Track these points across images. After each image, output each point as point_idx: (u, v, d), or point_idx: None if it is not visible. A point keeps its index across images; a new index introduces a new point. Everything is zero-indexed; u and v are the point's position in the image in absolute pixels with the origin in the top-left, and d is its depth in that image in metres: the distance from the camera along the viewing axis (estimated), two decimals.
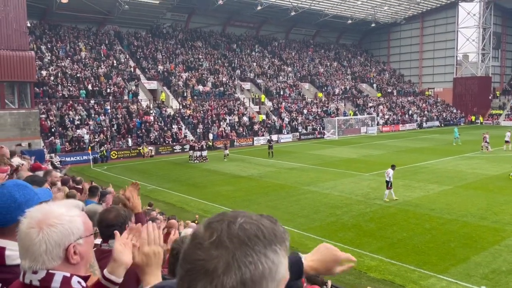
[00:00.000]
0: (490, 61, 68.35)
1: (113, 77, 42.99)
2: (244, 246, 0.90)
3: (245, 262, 0.89)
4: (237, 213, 0.98)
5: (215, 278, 0.87)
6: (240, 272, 0.88)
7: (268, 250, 0.92)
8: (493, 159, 29.95)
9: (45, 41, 43.49)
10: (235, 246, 0.90)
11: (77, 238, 1.51)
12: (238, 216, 0.96)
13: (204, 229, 0.94)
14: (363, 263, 12.23)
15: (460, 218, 16.16)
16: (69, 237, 1.49)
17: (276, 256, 0.93)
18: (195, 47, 55.80)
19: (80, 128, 35.33)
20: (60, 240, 1.47)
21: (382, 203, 18.53)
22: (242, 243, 0.90)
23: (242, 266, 0.88)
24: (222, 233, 0.91)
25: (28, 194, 2.03)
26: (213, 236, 0.91)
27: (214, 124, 42.75)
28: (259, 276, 0.89)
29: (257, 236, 0.92)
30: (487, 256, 12.48)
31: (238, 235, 0.91)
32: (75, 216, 1.54)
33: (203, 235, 0.93)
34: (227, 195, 20.88)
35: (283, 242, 0.97)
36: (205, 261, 0.89)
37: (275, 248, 0.93)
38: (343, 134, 49.41)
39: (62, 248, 1.48)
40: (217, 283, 0.87)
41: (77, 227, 1.52)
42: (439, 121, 62.73)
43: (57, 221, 1.48)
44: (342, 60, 71.85)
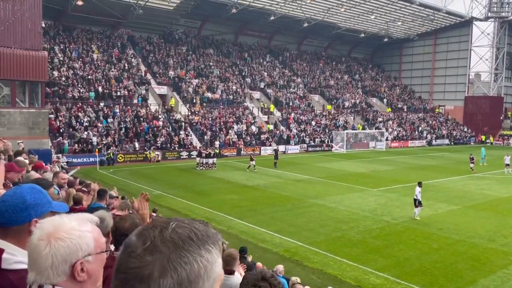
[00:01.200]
0: (502, 81, 67.87)
1: (124, 80, 43.22)
2: (179, 248, 0.93)
3: (181, 263, 0.91)
4: (169, 219, 1.00)
5: (151, 283, 0.89)
6: (177, 273, 0.90)
7: (202, 250, 0.95)
8: (503, 180, 29.48)
9: (59, 42, 43.92)
10: (169, 249, 0.92)
11: (85, 255, 1.42)
12: (170, 222, 0.98)
13: (136, 237, 0.96)
14: (368, 281, 11.95)
15: (468, 239, 15.81)
16: (77, 253, 1.40)
17: (210, 255, 0.96)
18: (206, 54, 56.05)
19: (89, 129, 35.44)
20: (67, 255, 1.38)
21: (390, 220, 18.22)
22: (176, 246, 0.93)
23: (178, 267, 0.91)
24: (155, 239, 0.93)
25: (40, 199, 2.01)
26: (147, 242, 0.93)
27: (221, 131, 42.70)
28: (195, 275, 0.92)
29: (191, 238, 0.95)
30: (495, 280, 12.15)
31: (172, 239, 0.93)
32: (86, 231, 1.44)
33: (135, 243, 0.94)
34: (232, 204, 20.69)
35: (216, 243, 1.00)
36: (140, 268, 0.91)
37: (208, 248, 0.96)
38: (351, 148, 49.10)
39: (69, 264, 1.39)
40: (154, 287, 0.89)
41: (86, 243, 1.42)
42: (449, 139, 62.17)
43: (66, 235, 1.39)
44: (353, 74, 71.75)
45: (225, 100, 48.86)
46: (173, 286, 0.90)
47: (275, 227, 16.89)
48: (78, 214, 1.52)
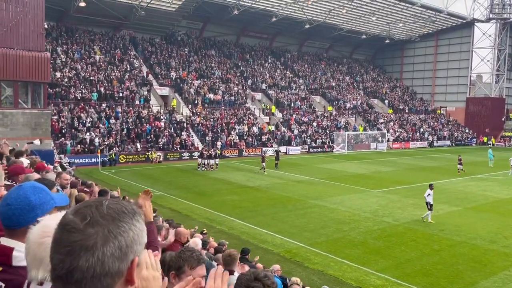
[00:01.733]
0: (504, 82, 67.79)
1: (126, 81, 43.33)
2: (116, 220, 1.09)
3: (119, 232, 1.08)
4: (99, 199, 1.17)
5: (96, 251, 1.04)
6: (117, 240, 1.07)
7: (133, 220, 1.13)
8: (505, 182, 29.47)
9: (61, 43, 44.07)
10: (108, 222, 1.08)
11: None
12: (102, 200, 1.14)
13: (74, 215, 1.09)
14: (369, 282, 11.98)
15: (470, 240, 15.82)
16: None
17: (140, 224, 1.15)
18: (208, 55, 56.15)
19: (91, 130, 35.54)
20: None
21: (391, 221, 18.23)
22: (114, 218, 1.09)
23: (118, 235, 1.08)
24: (94, 214, 1.08)
25: (44, 197, 2.03)
26: (87, 218, 1.07)
27: (223, 132, 42.76)
28: (131, 241, 1.10)
29: (123, 212, 1.12)
30: (496, 281, 12.16)
31: (109, 213, 1.10)
32: None
33: (74, 220, 1.08)
34: (233, 205, 20.74)
35: (141, 215, 1.18)
36: (83, 240, 1.04)
37: (137, 219, 1.15)
38: (352, 149, 49.11)
39: None
40: (98, 254, 1.04)
41: None
42: (451, 140, 62.11)
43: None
44: (354, 75, 71.76)
45: (226, 101, 48.94)
46: (115, 251, 1.06)
47: (276, 228, 16.93)
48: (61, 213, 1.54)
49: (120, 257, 1.07)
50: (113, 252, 1.06)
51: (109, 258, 1.05)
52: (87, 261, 1.04)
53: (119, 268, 1.08)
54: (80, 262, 1.04)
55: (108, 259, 1.05)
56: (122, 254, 1.08)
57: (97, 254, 1.04)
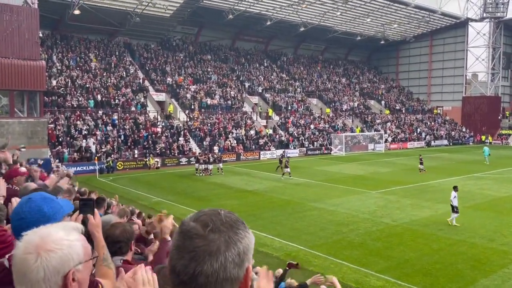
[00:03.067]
0: (499, 81, 68.10)
1: (122, 88, 43.33)
2: (234, 228, 1.16)
3: (238, 238, 1.14)
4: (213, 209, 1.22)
5: (219, 256, 1.10)
6: (237, 247, 1.13)
7: (246, 229, 1.20)
8: (503, 180, 29.55)
9: (56, 51, 44.07)
10: (227, 229, 1.14)
11: (76, 264, 1.41)
12: (216, 210, 1.21)
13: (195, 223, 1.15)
14: (369, 283, 11.97)
15: (468, 239, 15.83)
16: (69, 263, 1.39)
17: (250, 233, 1.21)
18: (204, 60, 56.23)
19: (88, 138, 35.48)
20: (60, 266, 1.37)
21: (389, 222, 18.23)
22: (232, 226, 1.16)
23: (237, 242, 1.14)
24: (215, 222, 1.14)
25: (55, 207, 2.05)
26: (209, 225, 1.13)
27: (220, 137, 42.76)
28: (247, 248, 1.16)
29: (238, 221, 1.19)
30: (495, 279, 12.16)
31: (227, 221, 1.16)
32: (75, 240, 1.44)
33: (196, 227, 1.14)
34: (232, 209, 20.03)
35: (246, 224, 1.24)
36: (207, 245, 1.10)
37: (248, 228, 1.21)
38: (350, 151, 49.17)
39: (61, 275, 1.37)
40: (222, 259, 1.10)
41: (77, 252, 1.42)
42: (448, 140, 62.27)
43: (56, 246, 1.38)
44: (350, 76, 71.96)
45: (223, 105, 48.98)
46: (235, 257, 1.12)
47: (275, 231, 16.91)
48: (63, 223, 1.50)
49: (239, 263, 1.13)
50: (234, 258, 1.12)
51: (230, 263, 1.11)
52: (212, 266, 1.09)
53: (238, 274, 1.13)
54: (205, 267, 1.08)
55: (229, 264, 1.10)
56: (240, 261, 1.13)
57: (221, 259, 1.10)
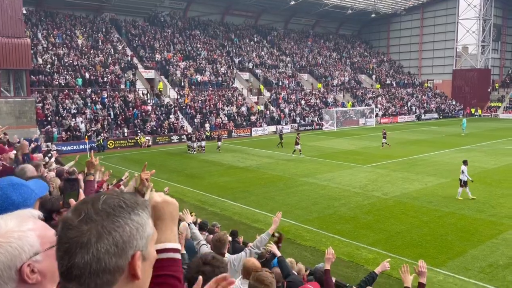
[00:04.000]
0: (490, 53, 68.12)
1: (110, 65, 42.60)
2: (111, 216, 1.07)
3: (113, 227, 1.06)
4: (99, 193, 1.15)
5: (90, 247, 1.04)
6: (111, 236, 1.05)
7: (132, 215, 1.10)
8: (492, 152, 29.92)
9: (41, 28, 43.00)
10: (102, 218, 1.06)
11: (30, 256, 1.30)
12: (100, 195, 1.12)
13: (72, 213, 1.10)
14: (360, 256, 12.19)
15: (458, 211, 16.12)
16: (20, 256, 1.28)
17: (140, 218, 1.11)
18: (193, 36, 55.32)
19: (77, 117, 35.06)
20: (10, 261, 1.26)
21: (380, 195, 18.45)
22: (108, 214, 1.07)
23: (112, 231, 1.06)
24: (89, 211, 1.07)
25: (25, 192, 1.96)
26: (81, 215, 1.07)
27: (212, 114, 42.52)
28: (128, 235, 1.08)
29: (121, 206, 1.09)
30: (484, 249, 12.45)
31: (104, 209, 1.08)
32: (27, 230, 1.32)
33: (71, 217, 1.08)
34: (224, 186, 20.79)
35: (146, 208, 1.15)
36: (78, 237, 1.04)
37: (137, 213, 1.11)
38: (341, 126, 49.29)
39: (14, 270, 1.27)
40: (93, 250, 1.04)
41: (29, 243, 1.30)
42: (438, 113, 62.63)
43: (3, 240, 1.27)
44: (341, 51, 71.45)
45: (213, 82, 48.50)
46: (110, 247, 1.05)
47: (267, 207, 17.04)
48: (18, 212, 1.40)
49: (117, 253, 1.06)
50: (108, 249, 1.05)
51: (104, 254, 1.05)
52: (83, 258, 1.04)
53: (117, 264, 1.07)
54: (77, 259, 1.05)
55: (103, 255, 1.05)
56: (119, 250, 1.06)
57: (92, 250, 1.04)
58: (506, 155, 28.29)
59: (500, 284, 10.29)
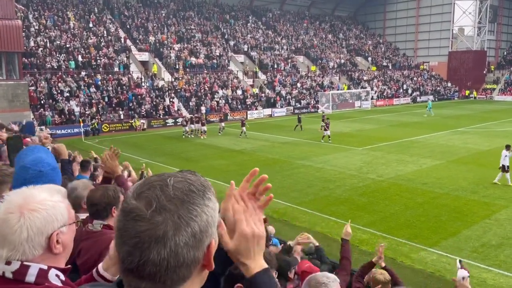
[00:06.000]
0: (486, 34, 67.78)
1: (103, 48, 42.06)
2: (185, 203, 0.95)
3: (191, 217, 0.95)
4: (162, 175, 1.01)
5: (167, 241, 0.92)
6: (190, 227, 0.94)
7: (205, 200, 0.99)
8: (486, 134, 30.06)
9: (32, 10, 42.24)
10: (177, 206, 0.94)
11: (61, 226, 1.37)
12: (166, 178, 0.99)
13: (137, 200, 0.95)
14: (355, 237, 12.26)
15: (452, 192, 16.26)
16: (53, 223, 1.34)
17: (212, 203, 1.01)
18: (187, 17, 54.59)
19: (70, 100, 34.75)
20: (44, 227, 1.32)
21: (375, 177, 18.55)
22: (183, 201, 0.95)
23: (190, 221, 0.94)
24: (160, 199, 0.94)
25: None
26: (152, 204, 0.93)
27: (206, 97, 42.29)
28: (205, 225, 0.97)
29: (192, 191, 0.98)
30: (477, 230, 12.60)
31: (176, 195, 0.95)
32: (59, 201, 1.39)
33: (138, 206, 0.94)
34: (220, 169, 20.81)
35: (210, 189, 1.03)
36: (152, 230, 0.91)
37: (209, 196, 1.01)
38: (337, 108, 49.23)
39: (45, 236, 1.33)
40: (171, 244, 0.92)
41: (61, 213, 1.38)
42: (434, 95, 62.61)
43: (40, 206, 1.33)
44: (337, 33, 70.86)
45: (208, 64, 48.09)
46: (189, 239, 0.94)
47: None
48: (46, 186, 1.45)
49: (195, 245, 0.96)
50: (187, 241, 0.94)
51: (183, 248, 0.94)
52: (159, 254, 0.92)
53: (195, 256, 0.96)
54: (152, 255, 0.92)
55: (182, 249, 0.94)
56: (196, 242, 0.96)
57: (169, 244, 0.92)
58: (500, 136, 28.43)
59: (492, 263, 10.45)
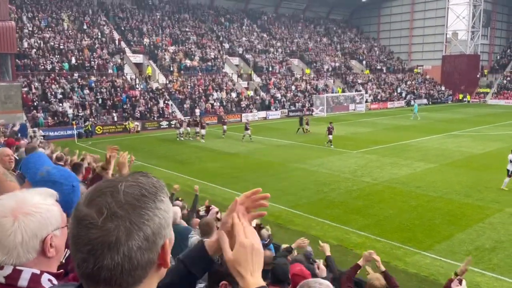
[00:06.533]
0: (479, 39, 68.27)
1: (97, 49, 41.88)
2: (137, 208, 0.96)
3: (143, 221, 0.95)
4: (113, 182, 1.00)
5: (120, 246, 0.93)
6: (142, 231, 0.95)
7: (157, 202, 0.99)
8: (479, 137, 30.22)
9: (26, 11, 41.99)
10: (128, 212, 0.94)
11: (54, 229, 1.36)
12: (116, 185, 0.98)
13: (89, 207, 0.95)
14: (349, 240, 12.28)
15: (445, 195, 16.30)
16: (47, 227, 1.33)
17: (164, 205, 1.01)
18: (182, 20, 54.53)
19: (64, 102, 34.52)
20: (38, 230, 1.31)
21: (370, 181, 18.57)
22: (134, 206, 0.95)
23: (142, 225, 0.95)
24: (111, 206, 0.94)
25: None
26: (103, 211, 0.94)
27: (201, 99, 42.19)
28: (158, 227, 0.98)
29: (143, 195, 0.98)
30: (471, 233, 12.61)
31: (127, 201, 0.95)
32: (52, 205, 1.38)
33: (90, 213, 0.94)
34: (214, 172, 20.73)
35: (163, 190, 1.04)
36: (104, 236, 0.92)
37: (161, 198, 1.01)
38: (331, 111, 49.30)
39: (39, 240, 1.32)
40: (124, 249, 0.93)
41: (55, 216, 1.37)
42: (427, 99, 62.93)
43: (35, 209, 1.31)
44: (332, 36, 71.10)
45: (203, 67, 48.02)
46: (141, 243, 0.95)
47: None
48: (38, 189, 1.44)
49: (149, 247, 0.97)
50: (140, 245, 0.95)
51: (136, 252, 0.95)
52: (113, 259, 0.93)
53: (149, 258, 0.98)
54: (105, 261, 0.93)
55: (135, 253, 0.95)
56: (150, 244, 0.97)
57: (122, 250, 0.93)
58: (494, 140, 28.61)
59: (486, 267, 10.46)
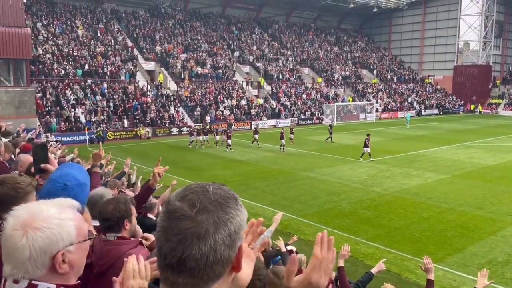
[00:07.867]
0: (491, 49, 67.84)
1: (110, 56, 42.41)
2: (224, 207, 1.08)
3: (228, 218, 1.07)
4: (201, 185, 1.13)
5: (208, 238, 1.03)
6: (227, 227, 1.06)
7: (238, 206, 1.12)
8: (492, 149, 29.91)
9: (41, 18, 42.74)
10: (216, 208, 1.06)
11: (66, 245, 1.31)
12: (205, 187, 1.12)
13: (181, 202, 1.07)
14: (360, 251, 12.18)
15: (457, 207, 16.11)
16: (57, 243, 1.29)
17: (242, 209, 1.13)
18: (194, 28, 55.04)
19: (76, 107, 34.95)
20: (47, 246, 1.27)
21: (380, 191, 18.44)
22: (221, 205, 1.08)
23: (227, 222, 1.07)
24: (202, 201, 1.06)
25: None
26: (196, 205, 1.05)
27: (211, 107, 42.42)
28: (238, 226, 1.10)
29: (228, 197, 1.11)
30: (483, 246, 12.44)
31: (216, 199, 1.08)
32: (67, 219, 1.33)
33: (182, 207, 1.06)
34: (224, 179, 20.75)
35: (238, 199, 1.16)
36: (195, 227, 1.03)
37: (240, 204, 1.14)
38: (341, 120, 49.22)
39: (49, 256, 1.28)
40: (211, 241, 1.04)
41: (67, 232, 1.31)
42: (438, 109, 62.52)
43: (44, 224, 1.27)
44: (342, 45, 71.16)
45: (214, 75, 48.33)
46: (225, 238, 1.06)
47: (267, 200, 17.03)
48: (58, 200, 1.40)
49: (230, 244, 1.07)
50: (224, 240, 1.06)
51: (220, 245, 1.05)
52: (200, 250, 1.03)
53: (229, 255, 1.08)
54: (193, 250, 1.03)
55: (220, 246, 1.05)
56: (231, 241, 1.08)
57: (210, 242, 1.04)
58: (506, 152, 28.28)
59: (499, 281, 10.30)
